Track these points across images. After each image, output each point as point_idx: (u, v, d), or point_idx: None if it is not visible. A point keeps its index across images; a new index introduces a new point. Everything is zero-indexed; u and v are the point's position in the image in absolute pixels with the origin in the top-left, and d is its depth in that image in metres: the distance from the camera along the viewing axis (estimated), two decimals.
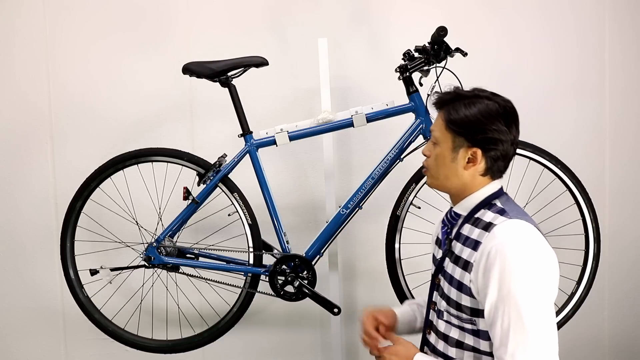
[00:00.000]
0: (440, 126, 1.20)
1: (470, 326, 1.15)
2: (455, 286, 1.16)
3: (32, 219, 2.23)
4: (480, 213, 1.18)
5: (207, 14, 2.21)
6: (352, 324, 2.28)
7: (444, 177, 1.21)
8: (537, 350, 1.02)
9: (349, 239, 2.24)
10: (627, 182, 2.32)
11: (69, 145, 2.22)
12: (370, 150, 2.20)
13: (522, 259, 1.05)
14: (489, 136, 1.15)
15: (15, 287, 2.26)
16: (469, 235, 1.17)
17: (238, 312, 1.84)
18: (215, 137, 2.19)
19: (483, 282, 1.08)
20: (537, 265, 1.05)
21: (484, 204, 1.19)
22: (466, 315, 1.15)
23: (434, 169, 1.23)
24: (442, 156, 1.20)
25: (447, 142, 1.19)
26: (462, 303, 1.15)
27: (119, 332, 1.88)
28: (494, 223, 1.12)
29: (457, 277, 1.16)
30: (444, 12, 2.22)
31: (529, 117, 2.24)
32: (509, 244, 1.06)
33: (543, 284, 1.05)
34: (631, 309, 2.36)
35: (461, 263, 1.16)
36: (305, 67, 2.19)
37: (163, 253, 1.81)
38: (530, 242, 1.07)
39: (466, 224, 1.20)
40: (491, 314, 1.07)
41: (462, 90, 1.22)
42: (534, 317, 1.03)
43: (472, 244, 1.14)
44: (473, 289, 1.12)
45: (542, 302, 1.04)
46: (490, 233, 1.11)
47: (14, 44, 2.20)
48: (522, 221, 1.11)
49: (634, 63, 2.29)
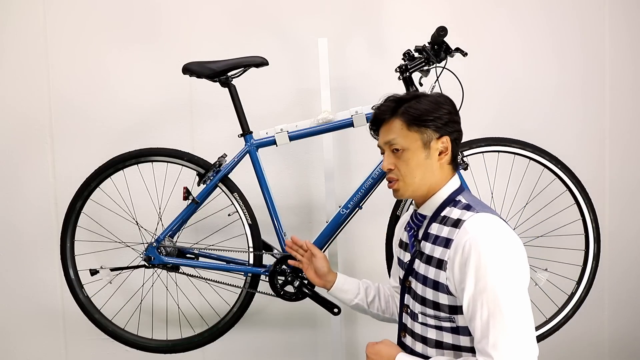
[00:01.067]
0: (400, 130, 1.22)
1: (449, 324, 1.16)
2: (431, 286, 1.18)
3: (32, 219, 2.23)
4: (447, 211, 1.21)
5: (207, 14, 2.21)
6: (352, 324, 2.28)
7: (420, 178, 1.23)
8: (517, 338, 1.04)
9: (349, 239, 2.24)
10: (627, 182, 2.32)
11: (69, 145, 2.22)
12: (370, 150, 2.19)
13: (496, 250, 1.07)
14: (447, 120, 1.21)
15: (15, 287, 2.26)
16: (439, 234, 1.19)
17: (238, 312, 1.84)
18: (215, 137, 2.19)
19: (460, 277, 1.10)
20: (510, 255, 1.08)
21: (449, 201, 1.22)
22: (444, 314, 1.16)
23: (407, 175, 1.23)
24: (415, 157, 1.22)
25: (415, 142, 1.22)
26: (439, 302, 1.16)
27: (119, 332, 1.88)
28: (462, 219, 1.15)
29: (431, 276, 1.18)
30: (444, 12, 2.23)
31: (529, 117, 2.26)
32: (482, 237, 1.09)
33: (517, 272, 1.08)
34: (631, 309, 2.36)
35: (434, 262, 1.17)
36: (305, 67, 2.19)
37: (163, 253, 1.81)
38: (500, 234, 1.10)
39: (433, 224, 1.22)
40: (470, 308, 1.09)
41: (400, 95, 1.27)
42: (512, 306, 1.05)
43: (444, 242, 1.16)
44: (450, 286, 1.13)
45: (518, 290, 1.07)
46: (462, 229, 1.13)
47: (14, 44, 2.20)
48: (489, 214, 1.14)
49: (634, 63, 2.30)
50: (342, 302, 1.54)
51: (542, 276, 1.81)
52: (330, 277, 1.52)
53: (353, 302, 1.51)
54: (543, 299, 1.91)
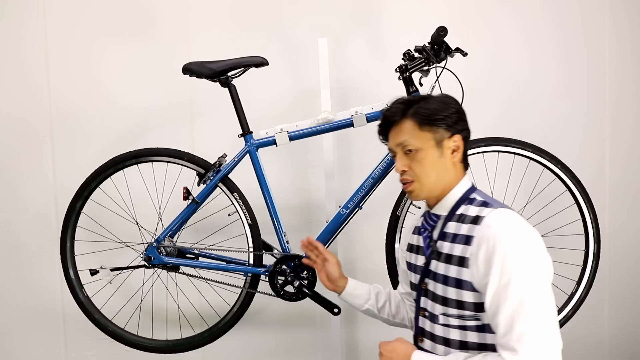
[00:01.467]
0: (413, 132, 1.23)
1: (474, 322, 1.14)
2: (453, 284, 1.16)
3: (32, 219, 2.23)
4: (463, 209, 1.20)
5: (207, 14, 2.21)
6: (352, 324, 2.28)
7: (435, 178, 1.23)
8: (542, 331, 1.04)
9: (349, 239, 2.24)
10: (627, 182, 2.32)
11: (69, 145, 2.22)
12: (370, 150, 2.19)
13: (521, 244, 1.07)
14: (457, 118, 1.23)
15: (15, 287, 2.26)
16: (457, 232, 1.18)
17: (238, 312, 1.84)
18: (215, 137, 2.19)
19: (484, 271, 1.09)
20: (534, 249, 1.08)
21: (463, 199, 1.22)
22: (469, 312, 1.14)
23: (423, 175, 1.23)
24: (429, 156, 1.22)
25: (428, 141, 1.22)
26: (463, 300, 1.15)
27: (118, 332, 1.88)
28: (481, 215, 1.15)
29: (453, 275, 1.16)
30: (444, 12, 2.23)
31: (529, 117, 2.26)
32: (506, 231, 1.09)
33: (541, 266, 1.08)
34: (631, 309, 2.36)
35: (455, 260, 1.16)
36: (305, 67, 2.19)
37: (163, 253, 1.81)
38: (523, 228, 1.10)
39: (450, 222, 1.22)
40: (494, 302, 1.08)
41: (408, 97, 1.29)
42: (537, 299, 1.05)
43: (464, 239, 1.15)
44: (475, 282, 1.12)
45: (542, 284, 1.06)
46: (482, 224, 1.12)
47: (14, 44, 2.20)
48: (508, 210, 1.15)
49: (634, 63, 2.30)
50: (353, 306, 1.53)
51: None
52: (341, 282, 1.51)
53: (364, 307, 1.50)
54: None
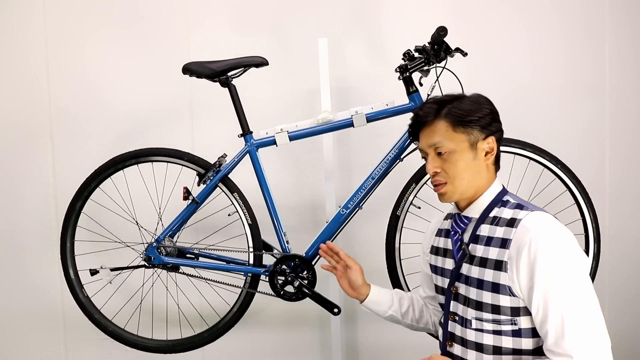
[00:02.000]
0: (446, 132, 1.20)
1: (509, 327, 1.12)
2: (489, 289, 1.13)
3: (32, 219, 2.23)
4: (496, 211, 1.18)
5: (207, 14, 2.21)
6: (352, 324, 2.28)
7: (468, 180, 1.20)
8: (594, 333, 1.03)
9: (349, 239, 2.24)
10: (627, 182, 2.32)
11: (69, 145, 2.22)
12: (370, 150, 2.20)
13: (562, 249, 1.06)
14: (491, 118, 1.20)
15: (15, 287, 2.26)
16: (492, 235, 1.16)
17: (238, 312, 1.84)
18: (215, 137, 2.19)
19: (527, 278, 1.07)
20: (574, 251, 1.07)
21: (496, 202, 1.20)
22: (505, 317, 1.12)
23: (456, 177, 1.20)
24: (463, 159, 1.19)
25: (462, 142, 1.19)
26: (500, 304, 1.12)
27: (118, 332, 1.88)
28: (517, 218, 1.12)
29: (489, 279, 1.13)
30: (444, 12, 2.23)
31: (529, 117, 2.26)
32: (547, 235, 1.07)
33: (583, 268, 1.07)
34: (631, 309, 2.36)
35: (491, 264, 1.13)
36: (305, 67, 2.19)
37: (163, 253, 1.81)
38: (562, 231, 1.08)
39: (482, 225, 1.19)
40: (540, 309, 1.06)
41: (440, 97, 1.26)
42: (585, 301, 1.04)
43: (499, 243, 1.13)
44: (514, 287, 1.10)
45: (587, 285, 1.06)
46: (519, 227, 1.10)
47: (14, 44, 2.20)
48: (544, 212, 1.13)
49: (634, 63, 2.30)
50: (375, 313, 1.48)
51: None
52: (364, 290, 1.47)
53: (387, 314, 1.46)
54: None
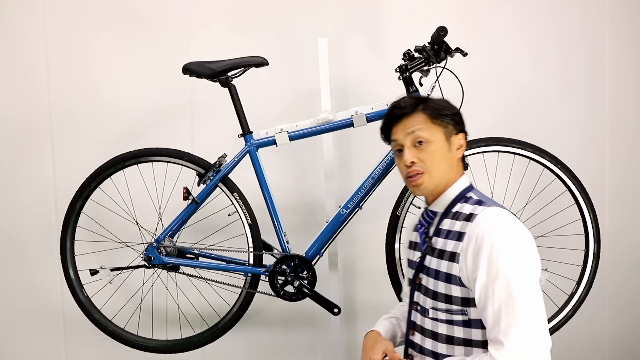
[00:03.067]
0: (425, 123, 1.26)
1: (460, 317, 1.17)
2: (443, 279, 1.19)
3: (32, 219, 2.23)
4: (458, 207, 1.24)
5: (208, 14, 2.21)
6: (352, 324, 2.28)
7: (444, 171, 1.26)
8: (529, 327, 1.06)
9: (349, 239, 2.24)
10: (627, 182, 2.32)
11: (69, 145, 2.22)
12: (370, 150, 2.19)
13: (508, 240, 1.11)
14: (460, 118, 1.29)
15: (15, 287, 2.25)
16: (451, 228, 1.22)
17: (238, 312, 1.84)
18: (215, 137, 2.19)
19: (472, 266, 1.12)
20: (523, 245, 1.11)
21: (460, 197, 1.25)
22: (457, 306, 1.17)
23: (433, 167, 1.24)
24: (440, 149, 1.25)
25: (438, 134, 1.25)
26: (452, 294, 1.18)
27: (118, 332, 1.88)
28: (475, 213, 1.18)
29: (444, 269, 1.20)
30: (444, 12, 2.22)
31: (529, 117, 2.26)
32: (495, 227, 1.12)
33: (529, 262, 1.11)
34: (631, 309, 2.36)
35: (447, 255, 1.20)
36: (305, 67, 2.19)
37: (163, 253, 1.81)
38: (513, 225, 1.13)
39: (445, 219, 1.25)
40: (482, 296, 1.11)
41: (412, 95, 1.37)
42: (524, 294, 1.07)
43: (456, 236, 1.19)
44: (463, 277, 1.15)
45: (530, 280, 1.09)
46: (474, 221, 1.16)
47: (14, 44, 2.20)
48: (500, 208, 1.18)
49: (634, 63, 2.30)
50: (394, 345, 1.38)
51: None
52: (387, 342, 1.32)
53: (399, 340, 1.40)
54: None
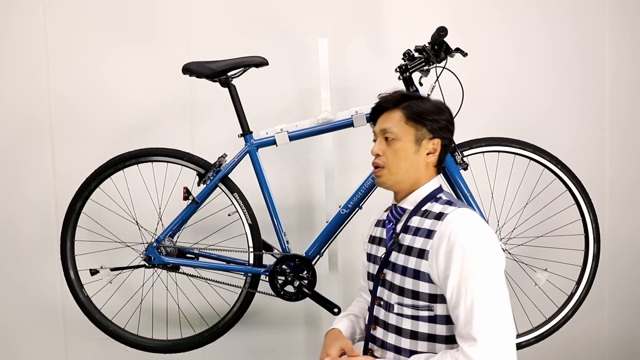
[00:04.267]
0: (398, 121, 1.27)
1: (426, 313, 1.19)
2: (411, 275, 1.20)
3: (32, 219, 2.23)
4: (428, 206, 1.26)
5: (207, 14, 2.21)
6: None
7: (404, 170, 1.27)
8: (500, 323, 1.09)
9: (349, 239, 2.24)
10: (627, 182, 2.33)
11: (69, 145, 2.22)
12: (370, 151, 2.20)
13: (479, 240, 1.13)
14: (444, 125, 1.27)
15: (16, 286, 2.26)
16: (420, 226, 1.23)
17: (238, 312, 1.84)
18: (215, 137, 2.19)
19: (444, 265, 1.14)
20: (491, 245, 1.14)
21: (430, 197, 1.27)
22: (423, 302, 1.19)
23: (393, 164, 1.27)
24: (405, 149, 1.26)
25: (408, 135, 1.26)
26: (419, 290, 1.19)
27: (119, 332, 1.88)
28: (445, 212, 1.20)
29: (412, 266, 1.20)
30: (444, 12, 2.23)
31: (529, 117, 2.27)
32: (466, 228, 1.14)
33: (497, 261, 1.13)
34: (631, 309, 2.36)
35: (415, 252, 1.21)
36: (305, 67, 2.19)
37: (163, 253, 1.81)
38: (482, 226, 1.15)
39: (414, 217, 1.26)
40: (454, 295, 1.12)
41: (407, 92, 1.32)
42: (495, 292, 1.10)
43: (425, 233, 1.20)
44: (432, 274, 1.16)
45: (498, 277, 1.12)
46: (445, 220, 1.18)
47: (14, 44, 2.20)
48: (469, 210, 1.20)
49: (634, 63, 2.30)
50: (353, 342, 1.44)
51: (542, 276, 1.81)
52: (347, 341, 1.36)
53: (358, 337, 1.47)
54: (543, 299, 1.91)
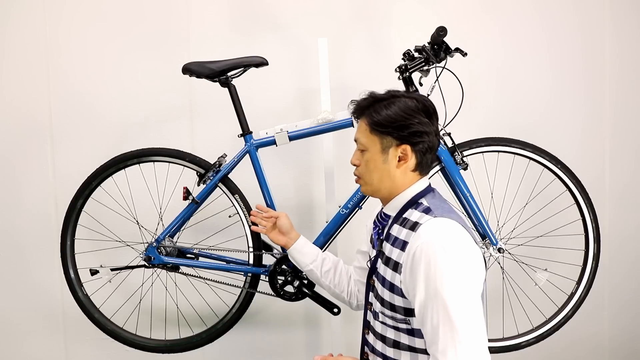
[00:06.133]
0: (365, 132, 1.24)
1: (404, 325, 1.16)
2: (388, 287, 1.18)
3: (32, 219, 2.23)
4: (408, 213, 1.20)
5: (207, 14, 2.21)
6: (352, 324, 2.27)
7: (377, 180, 1.24)
8: (467, 346, 1.03)
9: (349, 239, 2.24)
10: (627, 182, 2.33)
11: (69, 145, 2.22)
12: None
13: (446, 257, 1.05)
14: (413, 130, 1.18)
15: (15, 286, 2.25)
16: (398, 235, 1.19)
17: (238, 312, 1.84)
18: (215, 137, 2.19)
19: (411, 282, 1.10)
20: (461, 261, 1.07)
21: (411, 203, 1.21)
22: (400, 315, 1.16)
23: (366, 175, 1.26)
24: (373, 160, 1.23)
25: (374, 145, 1.23)
26: (395, 304, 1.17)
27: (117, 331, 1.88)
28: (419, 222, 1.14)
29: (388, 278, 1.18)
30: (444, 12, 2.23)
31: (529, 117, 2.27)
32: (432, 243, 1.07)
33: (467, 279, 1.07)
34: (631, 308, 2.36)
35: (391, 264, 1.18)
36: (305, 67, 2.19)
37: (163, 253, 1.81)
38: (452, 240, 1.09)
39: (395, 225, 1.22)
40: (421, 313, 1.08)
41: (377, 94, 1.26)
42: (462, 313, 1.04)
43: (401, 245, 1.16)
44: (404, 289, 1.14)
45: (468, 297, 1.06)
46: (416, 233, 1.12)
47: (14, 44, 2.20)
48: (446, 219, 1.13)
49: (634, 63, 2.30)
50: (298, 265, 1.57)
51: (542, 276, 1.81)
52: (293, 235, 1.58)
53: (308, 267, 1.54)
54: (543, 299, 1.91)
